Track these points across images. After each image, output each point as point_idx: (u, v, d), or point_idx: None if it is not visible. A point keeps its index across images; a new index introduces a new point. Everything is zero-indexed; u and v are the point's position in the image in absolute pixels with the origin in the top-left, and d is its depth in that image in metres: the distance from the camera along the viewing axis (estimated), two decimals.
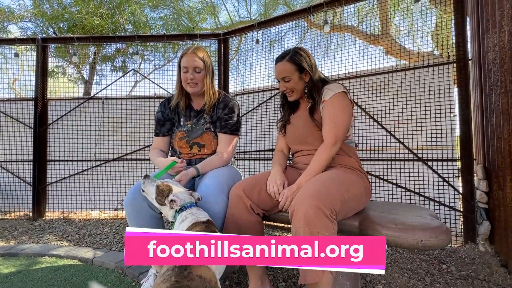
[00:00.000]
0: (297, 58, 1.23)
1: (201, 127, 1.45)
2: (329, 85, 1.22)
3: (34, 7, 5.34)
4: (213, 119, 1.45)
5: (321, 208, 0.87)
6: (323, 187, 0.96)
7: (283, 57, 1.26)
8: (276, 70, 1.27)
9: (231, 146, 1.45)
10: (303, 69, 1.23)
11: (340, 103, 1.16)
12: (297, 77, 1.24)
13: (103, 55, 5.48)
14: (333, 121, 1.14)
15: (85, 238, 2.22)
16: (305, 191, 0.95)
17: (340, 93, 1.17)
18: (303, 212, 0.88)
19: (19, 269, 1.62)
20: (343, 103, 1.17)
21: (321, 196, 0.90)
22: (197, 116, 1.47)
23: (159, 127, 1.51)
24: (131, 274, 1.52)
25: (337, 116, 1.15)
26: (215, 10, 7.29)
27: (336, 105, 1.16)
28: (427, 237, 0.91)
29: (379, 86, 2.19)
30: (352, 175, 1.12)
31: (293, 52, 1.25)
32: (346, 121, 1.16)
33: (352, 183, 1.07)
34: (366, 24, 3.58)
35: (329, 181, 1.00)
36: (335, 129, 1.13)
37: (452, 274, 1.49)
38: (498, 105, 1.54)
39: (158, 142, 1.52)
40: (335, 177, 1.05)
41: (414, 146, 2.05)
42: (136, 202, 1.20)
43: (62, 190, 2.95)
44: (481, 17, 1.74)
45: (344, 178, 1.07)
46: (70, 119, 3.00)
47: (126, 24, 5.61)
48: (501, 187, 1.54)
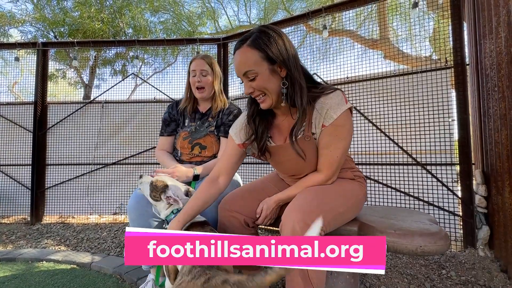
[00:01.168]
0: (263, 41, 0.84)
1: (205, 129, 1.48)
2: (327, 99, 0.87)
3: (36, 11, 5.38)
4: (217, 124, 1.48)
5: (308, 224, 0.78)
6: (313, 200, 0.87)
7: (242, 42, 0.86)
8: (235, 62, 0.89)
9: None
10: (276, 57, 0.84)
11: (345, 129, 0.89)
12: (267, 70, 0.85)
13: (103, 59, 5.51)
14: (335, 154, 0.90)
15: (83, 242, 2.20)
16: (293, 206, 0.87)
17: (345, 112, 0.87)
18: (290, 227, 0.83)
19: (16, 274, 1.61)
20: (349, 125, 0.90)
21: (309, 211, 0.83)
22: (202, 119, 1.50)
23: (164, 127, 1.55)
24: (130, 280, 1.51)
25: (339, 147, 0.89)
26: (215, 14, 7.36)
27: (340, 131, 0.88)
28: (426, 243, 0.91)
29: (378, 91, 2.20)
30: (350, 185, 1.02)
31: (257, 33, 0.85)
32: (348, 147, 0.94)
33: (347, 194, 0.98)
34: (365, 29, 3.62)
35: (321, 194, 0.91)
36: (336, 163, 0.92)
37: (452, 280, 1.48)
38: (496, 110, 1.55)
39: (163, 142, 1.55)
40: (331, 189, 0.95)
41: (413, 151, 2.05)
42: (140, 206, 1.20)
43: (60, 194, 2.94)
44: (478, 22, 1.76)
45: (341, 190, 0.97)
46: (70, 123, 3.00)
47: (126, 28, 5.65)
48: (500, 192, 1.54)
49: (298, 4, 6.64)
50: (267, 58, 0.85)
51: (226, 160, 1.04)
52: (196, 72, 1.42)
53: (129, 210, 1.23)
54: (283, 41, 0.86)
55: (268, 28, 0.87)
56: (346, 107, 0.88)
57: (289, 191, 0.99)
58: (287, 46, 0.86)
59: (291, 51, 0.87)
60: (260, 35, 0.85)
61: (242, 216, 1.04)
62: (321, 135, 0.91)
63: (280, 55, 0.85)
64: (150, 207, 1.20)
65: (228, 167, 1.04)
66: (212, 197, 1.00)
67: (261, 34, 0.85)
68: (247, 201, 1.06)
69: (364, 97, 2.25)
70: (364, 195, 1.08)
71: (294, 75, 0.86)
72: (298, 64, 0.89)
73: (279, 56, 0.85)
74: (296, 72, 0.86)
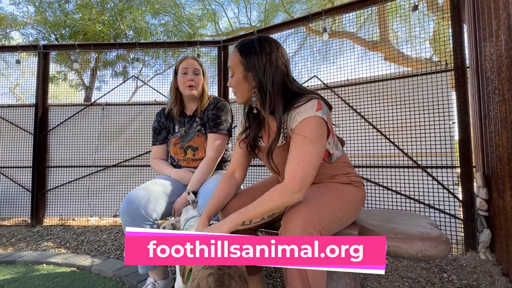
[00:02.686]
0: (248, 49, 0.92)
1: (193, 130, 1.48)
2: (299, 108, 0.87)
3: (37, 14, 5.41)
4: (204, 121, 1.48)
5: (308, 229, 0.81)
6: (313, 205, 0.87)
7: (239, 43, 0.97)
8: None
9: (217, 145, 1.41)
10: (249, 67, 0.91)
11: (313, 132, 0.84)
12: (241, 74, 0.93)
13: (104, 61, 5.53)
14: (301, 158, 0.83)
15: (83, 245, 2.20)
16: (293, 210, 0.86)
17: (311, 118, 0.85)
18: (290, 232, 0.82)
19: (17, 277, 1.61)
20: (317, 130, 0.85)
21: (310, 215, 0.83)
22: (190, 121, 1.51)
23: (155, 136, 1.55)
24: (129, 283, 1.51)
25: (306, 151, 0.83)
26: (215, 16, 7.38)
27: (306, 134, 0.84)
28: (426, 248, 0.91)
29: (378, 93, 2.20)
30: (347, 188, 1.02)
31: (250, 40, 0.94)
32: (319, 157, 0.85)
33: (348, 199, 0.98)
34: (365, 31, 3.62)
35: (320, 198, 0.90)
36: (302, 169, 0.82)
37: (453, 283, 1.47)
38: (496, 113, 1.55)
39: (157, 151, 1.55)
40: (328, 193, 0.95)
41: (414, 153, 2.05)
42: (131, 209, 1.20)
43: (61, 196, 2.95)
44: (478, 25, 1.76)
45: (338, 194, 0.96)
46: (70, 125, 3.01)
47: (127, 30, 5.67)
48: (501, 195, 1.53)
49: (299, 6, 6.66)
50: (243, 64, 0.92)
51: (236, 156, 1.10)
52: (189, 71, 1.43)
53: (121, 214, 1.23)
54: (268, 57, 0.90)
55: (260, 40, 0.93)
56: (312, 113, 0.85)
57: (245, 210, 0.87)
58: (271, 60, 0.90)
59: (273, 67, 0.90)
60: (250, 43, 0.93)
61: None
62: (291, 140, 0.88)
63: (253, 67, 0.90)
64: (141, 210, 1.20)
65: (240, 162, 1.09)
66: (232, 192, 1.07)
67: (252, 43, 0.93)
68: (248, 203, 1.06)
69: (364, 100, 2.25)
70: (361, 198, 1.06)
71: (265, 88, 0.90)
72: (276, 80, 0.90)
73: (253, 68, 0.91)
74: (269, 86, 0.89)
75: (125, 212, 1.21)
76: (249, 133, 1.03)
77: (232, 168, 1.11)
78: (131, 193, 1.24)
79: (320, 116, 0.86)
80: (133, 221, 1.20)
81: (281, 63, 0.93)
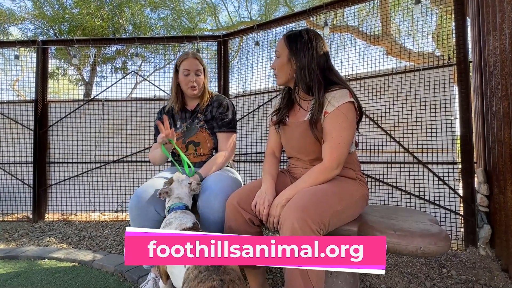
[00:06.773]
0: (294, 38, 1.07)
1: (195, 126, 1.49)
2: (333, 92, 1.01)
3: (35, 9, 5.35)
4: (207, 117, 1.49)
5: (307, 222, 0.84)
6: (312, 199, 0.90)
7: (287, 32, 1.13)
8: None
9: (231, 143, 1.48)
10: (294, 52, 1.05)
11: (346, 118, 0.98)
12: (286, 57, 1.08)
13: (103, 56, 5.49)
14: (337, 141, 0.98)
15: (85, 240, 2.22)
16: (293, 204, 0.90)
17: (346, 104, 0.99)
18: (289, 225, 0.85)
19: (19, 272, 1.63)
20: (349, 116, 0.99)
21: (309, 209, 0.86)
22: (192, 116, 1.52)
23: (157, 133, 1.54)
24: (130, 278, 1.52)
25: (341, 135, 0.98)
26: (215, 10, 7.30)
27: (341, 120, 0.98)
28: (426, 244, 0.91)
29: (380, 88, 2.18)
30: (347, 184, 1.04)
31: (297, 31, 1.10)
32: (351, 139, 1.01)
33: (347, 193, 1.00)
34: (367, 25, 3.57)
35: (320, 193, 0.93)
36: (338, 150, 0.98)
37: (453, 279, 1.48)
38: (499, 108, 1.53)
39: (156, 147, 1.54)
40: (328, 188, 0.97)
41: (414, 149, 2.04)
42: (141, 205, 1.21)
43: (62, 192, 2.96)
44: (482, 19, 1.73)
45: (338, 189, 0.99)
46: (70, 121, 3.01)
47: (126, 25, 5.61)
48: (502, 191, 1.52)
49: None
50: (289, 49, 1.07)
51: (272, 137, 1.26)
52: (191, 72, 1.44)
53: (130, 209, 1.24)
54: (311, 47, 1.05)
55: (307, 32, 1.07)
56: (348, 100, 0.99)
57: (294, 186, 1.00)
58: (312, 50, 1.05)
59: (314, 55, 1.04)
60: (298, 32, 1.08)
61: (248, 214, 1.05)
62: (324, 122, 1.02)
63: (299, 51, 1.05)
64: (150, 206, 1.20)
65: (275, 143, 1.26)
66: (278, 165, 1.22)
67: (298, 33, 1.07)
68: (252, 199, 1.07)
69: (366, 95, 2.23)
70: (363, 195, 1.08)
71: (304, 71, 1.04)
72: (316, 66, 1.04)
73: (298, 52, 1.05)
74: (307, 70, 1.04)
75: (135, 207, 1.22)
76: (282, 111, 1.18)
77: (271, 148, 1.27)
78: (141, 189, 1.25)
79: (352, 100, 1.01)
80: (141, 217, 1.21)
81: (321, 51, 1.06)
